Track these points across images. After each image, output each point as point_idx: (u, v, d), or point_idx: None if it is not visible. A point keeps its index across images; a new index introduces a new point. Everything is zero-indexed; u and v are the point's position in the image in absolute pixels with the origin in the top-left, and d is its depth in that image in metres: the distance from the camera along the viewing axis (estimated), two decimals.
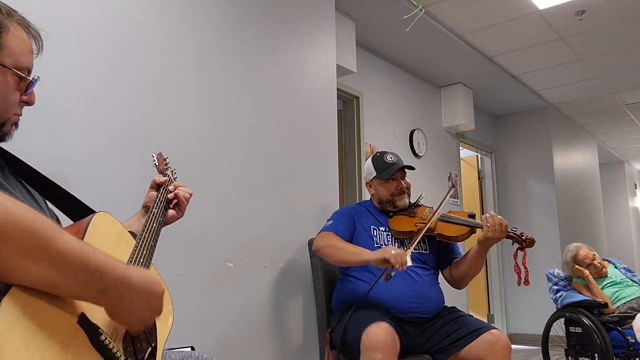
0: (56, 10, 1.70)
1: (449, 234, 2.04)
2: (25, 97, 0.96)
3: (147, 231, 1.07)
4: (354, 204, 2.32)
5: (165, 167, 1.46)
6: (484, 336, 1.82)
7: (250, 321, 2.20)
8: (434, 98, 5.02)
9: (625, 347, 2.98)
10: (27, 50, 0.94)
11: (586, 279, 3.29)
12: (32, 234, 0.62)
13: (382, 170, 2.17)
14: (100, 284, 0.70)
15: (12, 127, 0.96)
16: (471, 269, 2.05)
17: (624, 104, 5.85)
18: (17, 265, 0.62)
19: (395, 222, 2.14)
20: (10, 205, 0.62)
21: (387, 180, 2.17)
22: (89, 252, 0.69)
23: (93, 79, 1.79)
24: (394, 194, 2.17)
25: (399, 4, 3.48)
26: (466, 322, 1.91)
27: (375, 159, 2.24)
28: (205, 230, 2.07)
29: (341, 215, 2.19)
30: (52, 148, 1.64)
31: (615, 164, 9.00)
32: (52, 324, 0.67)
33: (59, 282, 0.66)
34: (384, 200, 2.20)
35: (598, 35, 4.07)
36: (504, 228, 1.92)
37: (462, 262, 2.08)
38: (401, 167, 2.17)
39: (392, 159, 2.20)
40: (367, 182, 2.27)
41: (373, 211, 2.23)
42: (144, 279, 0.77)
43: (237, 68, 2.32)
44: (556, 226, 5.53)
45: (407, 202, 2.19)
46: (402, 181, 2.19)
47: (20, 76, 0.92)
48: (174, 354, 1.18)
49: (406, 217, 2.15)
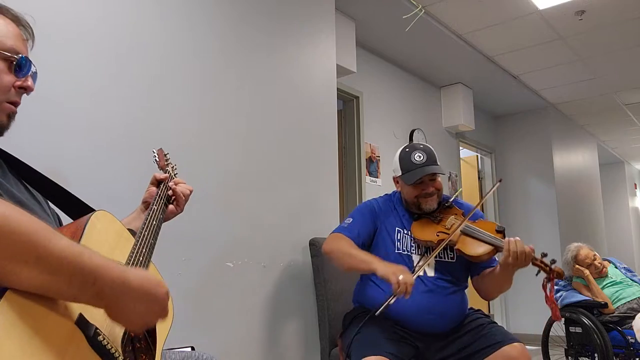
0: (57, 9, 1.70)
1: (469, 253, 1.80)
2: (20, 82, 0.93)
3: (146, 229, 1.06)
4: (381, 198, 2.10)
5: (166, 163, 1.44)
6: (504, 349, 1.67)
7: (250, 321, 2.19)
8: (434, 98, 5.01)
9: (625, 347, 2.98)
10: (12, 33, 0.91)
11: (586, 279, 3.28)
12: (22, 238, 0.61)
13: (407, 172, 1.94)
14: (95, 287, 0.68)
15: (9, 119, 0.93)
16: (497, 287, 1.87)
17: (624, 104, 5.85)
18: (8, 270, 0.61)
19: (417, 227, 1.93)
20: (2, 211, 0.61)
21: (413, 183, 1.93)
22: (84, 254, 0.68)
23: (93, 77, 1.79)
24: (419, 196, 1.94)
25: (399, 4, 3.48)
26: (486, 332, 1.75)
27: (403, 156, 1.99)
28: (205, 230, 2.07)
29: (362, 214, 1.99)
30: (51, 146, 1.64)
31: (615, 164, 9.00)
32: (49, 325, 0.66)
33: (53, 285, 0.65)
34: (408, 202, 1.99)
35: (598, 35, 4.06)
36: (527, 257, 1.72)
37: (488, 278, 1.88)
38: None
39: (421, 159, 1.93)
40: (394, 177, 2.06)
41: (400, 209, 2.02)
42: (142, 281, 0.75)
43: (237, 68, 2.32)
44: (556, 226, 5.52)
45: (434, 205, 1.95)
46: (431, 184, 1.94)
47: (5, 56, 0.89)
48: (174, 354, 1.18)
49: (430, 222, 1.93)
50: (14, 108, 0.94)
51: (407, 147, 2.03)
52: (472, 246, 1.81)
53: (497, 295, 1.95)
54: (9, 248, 0.60)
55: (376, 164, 4.14)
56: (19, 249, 0.61)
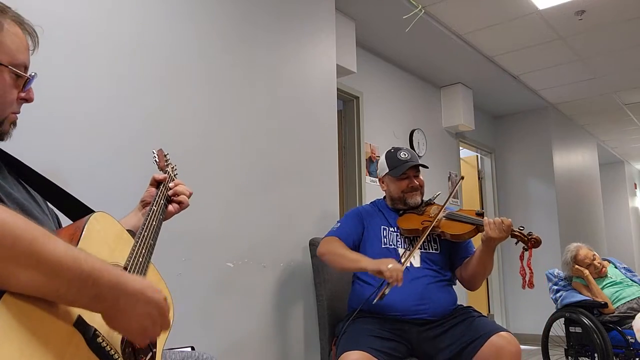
0: (59, 11, 1.70)
1: (452, 232, 1.97)
2: (24, 95, 0.95)
3: (146, 229, 1.06)
4: (367, 204, 2.29)
5: (166, 163, 1.43)
6: (492, 339, 1.72)
7: (250, 321, 2.19)
8: (433, 98, 5.01)
9: (625, 347, 2.98)
10: (23, 46, 0.93)
11: (586, 279, 3.29)
12: (21, 243, 0.62)
13: (394, 167, 2.14)
14: (93, 289, 0.68)
15: (11, 126, 0.95)
16: (479, 269, 1.97)
17: (624, 104, 5.85)
18: (7, 273, 0.61)
19: (403, 220, 2.10)
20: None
21: (399, 177, 2.13)
22: (81, 257, 0.68)
23: (94, 79, 1.79)
24: (404, 191, 2.13)
25: (399, 4, 3.48)
26: (474, 325, 1.82)
27: (389, 156, 2.20)
28: (205, 230, 2.07)
29: (349, 217, 2.16)
30: (50, 147, 1.64)
31: (615, 164, 9.00)
32: (47, 327, 0.66)
33: (51, 288, 0.65)
34: (395, 198, 2.16)
35: (598, 35, 4.06)
36: (507, 227, 1.85)
37: (470, 262, 2.01)
38: (414, 165, 2.12)
39: (406, 156, 2.15)
40: (380, 178, 2.24)
41: (385, 210, 2.19)
42: (140, 285, 0.75)
43: (237, 68, 2.32)
44: (556, 226, 5.52)
45: (418, 200, 2.14)
46: (415, 179, 2.14)
47: (17, 73, 0.91)
48: (174, 354, 1.18)
49: (414, 215, 2.10)
50: (16, 117, 0.96)
51: (392, 149, 2.24)
52: (455, 227, 1.98)
53: (481, 281, 2.04)
54: (8, 253, 0.61)
55: (376, 164, 4.13)
56: (18, 254, 0.62)
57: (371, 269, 1.77)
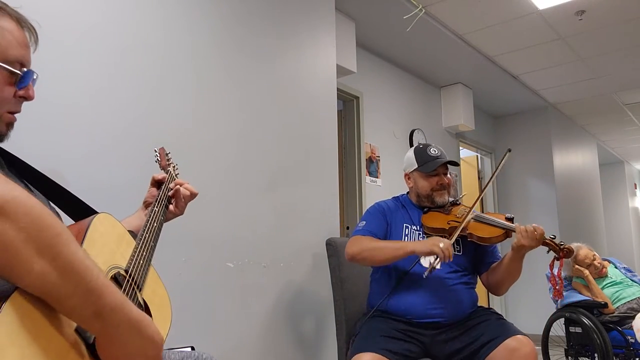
0: (55, 9, 1.70)
1: (480, 235, 1.89)
2: (22, 92, 0.91)
3: (147, 231, 1.06)
4: (389, 199, 2.19)
5: (168, 163, 1.42)
6: (507, 342, 1.68)
7: (250, 321, 2.19)
8: (434, 98, 5.01)
9: (625, 347, 2.98)
10: (18, 42, 0.89)
11: (586, 279, 3.29)
12: (48, 229, 0.63)
13: (425, 163, 2.05)
14: (96, 304, 0.67)
15: (7, 128, 0.92)
16: (507, 275, 1.90)
17: (624, 104, 5.85)
18: (25, 257, 0.60)
19: (428, 217, 2.02)
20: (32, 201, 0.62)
21: (429, 174, 2.04)
22: (95, 271, 0.67)
23: (91, 78, 1.79)
24: (434, 189, 2.04)
25: (399, 4, 3.48)
26: (491, 327, 1.77)
27: (418, 151, 2.10)
28: (205, 230, 2.07)
29: (373, 214, 2.07)
30: (51, 146, 1.64)
31: (615, 164, 9.00)
32: (50, 332, 0.66)
33: (58, 288, 0.64)
34: (422, 195, 2.07)
35: (598, 35, 4.06)
36: (540, 235, 1.78)
37: (498, 268, 1.95)
38: (445, 162, 2.05)
39: (436, 153, 2.07)
40: (407, 173, 2.14)
41: (408, 206, 2.10)
42: (143, 317, 0.73)
43: (237, 68, 2.32)
44: (556, 226, 5.52)
45: (446, 198, 2.06)
46: (444, 177, 2.06)
47: (9, 70, 0.87)
48: (174, 354, 1.18)
49: (440, 213, 2.03)
50: (14, 117, 0.93)
51: (421, 144, 2.15)
52: (484, 230, 1.91)
53: (508, 287, 1.97)
54: (35, 235, 0.61)
55: (376, 164, 4.14)
56: (42, 240, 0.62)
57: (422, 250, 1.76)
